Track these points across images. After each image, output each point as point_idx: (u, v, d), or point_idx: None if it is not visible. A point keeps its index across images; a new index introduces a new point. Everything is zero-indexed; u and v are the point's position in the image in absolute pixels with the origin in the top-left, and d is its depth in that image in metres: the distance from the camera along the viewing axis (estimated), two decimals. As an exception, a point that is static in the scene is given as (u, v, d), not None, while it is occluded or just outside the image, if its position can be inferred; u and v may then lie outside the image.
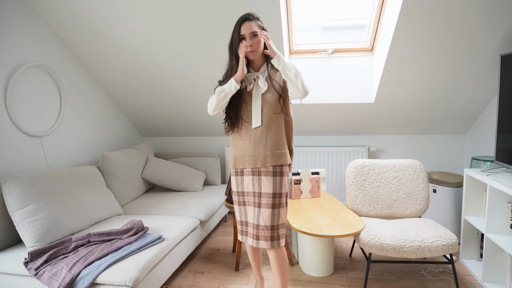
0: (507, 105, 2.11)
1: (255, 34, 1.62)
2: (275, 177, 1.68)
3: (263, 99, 1.69)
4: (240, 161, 1.74)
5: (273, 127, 1.70)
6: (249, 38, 1.62)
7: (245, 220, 1.77)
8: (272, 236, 1.67)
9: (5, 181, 1.93)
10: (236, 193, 1.79)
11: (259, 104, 1.69)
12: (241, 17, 1.65)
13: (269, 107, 1.69)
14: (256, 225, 1.70)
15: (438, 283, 2.19)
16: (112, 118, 3.31)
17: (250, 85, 1.71)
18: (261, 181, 1.69)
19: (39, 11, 2.39)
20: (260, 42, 1.64)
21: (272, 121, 1.70)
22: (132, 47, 2.65)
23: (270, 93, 1.70)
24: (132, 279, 1.61)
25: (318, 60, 2.89)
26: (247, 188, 1.74)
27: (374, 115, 3.08)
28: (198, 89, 3.04)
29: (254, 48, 1.63)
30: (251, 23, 1.62)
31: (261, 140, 1.69)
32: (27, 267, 1.71)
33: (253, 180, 1.71)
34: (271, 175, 1.68)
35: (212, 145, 3.73)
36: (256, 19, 1.65)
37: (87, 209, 2.22)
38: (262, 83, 1.68)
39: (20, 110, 2.27)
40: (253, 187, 1.71)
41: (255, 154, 1.70)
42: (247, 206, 1.76)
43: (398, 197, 2.41)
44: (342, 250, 2.69)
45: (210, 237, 3.00)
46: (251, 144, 1.71)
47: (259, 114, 1.69)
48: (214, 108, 1.71)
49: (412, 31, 2.25)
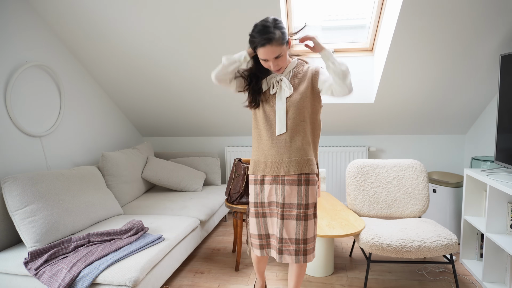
0: (507, 105, 2.11)
1: (280, 55, 1.46)
2: (300, 186, 1.54)
3: (288, 103, 1.54)
4: (260, 167, 1.60)
5: (299, 133, 1.55)
6: (273, 61, 1.46)
7: (265, 233, 1.62)
8: (297, 250, 1.54)
9: (5, 181, 1.93)
10: (254, 204, 1.62)
11: (284, 109, 1.53)
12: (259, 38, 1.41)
13: (295, 110, 1.53)
14: (279, 238, 1.55)
15: (438, 283, 2.19)
16: (112, 118, 3.31)
17: (274, 88, 1.56)
18: (285, 190, 1.55)
19: (39, 11, 2.39)
20: (285, 58, 1.50)
21: (298, 126, 1.54)
22: (132, 47, 2.65)
23: (297, 95, 1.54)
24: (132, 279, 1.61)
25: (318, 60, 2.89)
26: (268, 198, 1.59)
27: (374, 115, 3.08)
28: (198, 89, 3.04)
29: (280, 66, 1.50)
30: (273, 48, 1.42)
31: (285, 145, 1.54)
32: (27, 267, 1.71)
33: (276, 189, 1.57)
34: (295, 184, 1.54)
35: (212, 145, 3.73)
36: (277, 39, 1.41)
37: (87, 209, 2.22)
38: (286, 86, 1.54)
39: (20, 110, 2.27)
40: (276, 196, 1.57)
41: (277, 160, 1.55)
42: (268, 218, 1.61)
43: (398, 197, 2.41)
44: (342, 250, 2.69)
45: (210, 237, 3.00)
46: (273, 149, 1.56)
47: (284, 119, 1.53)
48: (218, 72, 1.52)
49: (412, 31, 2.25)
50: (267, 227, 1.61)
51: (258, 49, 1.44)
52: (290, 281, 1.70)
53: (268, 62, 1.48)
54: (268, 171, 1.57)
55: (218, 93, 3.06)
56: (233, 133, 3.60)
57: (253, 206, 1.63)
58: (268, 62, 1.48)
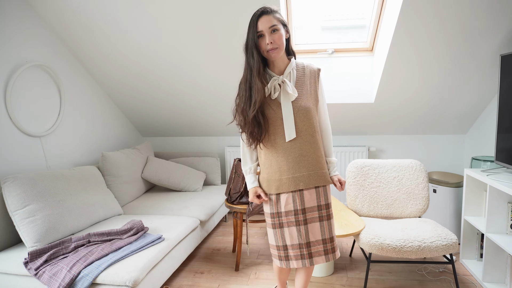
0: (507, 105, 2.11)
1: (275, 29, 1.40)
2: (318, 189, 1.52)
3: (294, 107, 1.46)
4: (274, 185, 1.51)
5: (312, 140, 1.48)
6: (269, 35, 1.40)
7: (283, 244, 1.54)
8: (326, 250, 1.53)
9: (5, 181, 1.93)
10: (270, 215, 1.55)
11: (291, 113, 1.45)
12: (256, 11, 1.43)
13: (305, 114, 1.46)
14: (306, 243, 1.51)
15: (438, 283, 2.19)
16: (112, 118, 3.31)
17: (275, 93, 1.46)
18: (304, 196, 1.50)
19: (39, 11, 2.39)
20: (282, 38, 1.43)
21: (309, 131, 1.48)
22: (132, 47, 2.65)
23: (302, 98, 1.48)
24: (132, 279, 1.61)
25: (318, 60, 2.89)
26: (285, 207, 1.51)
27: (374, 115, 3.08)
28: (198, 88, 3.04)
29: (276, 44, 1.41)
30: (269, 16, 1.41)
31: (301, 158, 1.47)
32: (27, 267, 1.71)
33: (293, 197, 1.50)
34: (313, 188, 1.52)
35: (212, 145, 3.73)
36: (274, 12, 1.43)
37: (87, 209, 2.22)
38: (290, 89, 1.44)
39: (20, 110, 2.27)
40: (294, 204, 1.51)
41: (294, 176, 1.48)
42: (285, 228, 1.53)
43: (398, 197, 2.40)
44: (342, 250, 2.69)
45: (210, 237, 3.00)
46: (289, 164, 1.48)
47: (292, 124, 1.45)
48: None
49: (412, 31, 2.24)
50: (285, 238, 1.54)
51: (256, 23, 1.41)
52: (299, 283, 1.68)
53: (265, 38, 1.41)
54: (285, 187, 1.50)
55: (218, 93, 3.06)
56: (233, 133, 3.60)
57: (269, 216, 1.56)
58: (265, 39, 1.41)
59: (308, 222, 1.52)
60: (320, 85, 1.57)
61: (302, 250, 1.52)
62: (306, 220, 1.51)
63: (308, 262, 1.53)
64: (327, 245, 1.53)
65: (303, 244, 1.52)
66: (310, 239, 1.52)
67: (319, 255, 1.53)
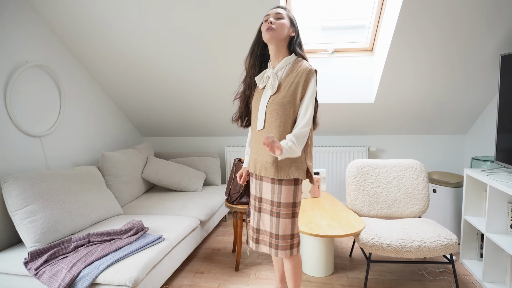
0: (507, 105, 2.11)
1: (280, 17, 1.51)
2: (274, 185, 1.57)
3: (271, 101, 1.53)
4: (251, 164, 1.67)
5: (276, 133, 1.51)
6: (273, 17, 1.52)
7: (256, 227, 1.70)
8: (270, 243, 1.62)
9: (5, 181, 1.93)
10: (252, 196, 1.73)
11: (264, 106, 1.55)
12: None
13: (275, 109, 1.51)
14: (256, 229, 1.69)
15: (438, 283, 2.19)
16: (112, 118, 3.31)
17: (263, 83, 1.58)
18: (262, 186, 1.63)
19: (39, 11, 2.39)
20: (284, 26, 1.50)
21: (275, 125, 1.51)
22: (132, 47, 2.65)
23: (281, 95, 1.51)
24: (132, 279, 1.61)
25: (318, 60, 2.89)
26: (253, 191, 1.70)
27: (374, 115, 3.08)
28: (198, 88, 3.04)
29: (276, 28, 1.48)
30: (280, 9, 1.55)
31: (264, 148, 1.57)
32: (27, 267, 1.71)
33: (255, 184, 1.67)
34: (270, 182, 1.59)
35: (212, 145, 3.73)
36: (286, 9, 1.58)
37: (87, 209, 2.22)
38: (270, 85, 1.53)
39: (20, 110, 2.27)
40: (255, 190, 1.67)
41: (257, 159, 1.61)
42: (252, 210, 1.71)
43: (398, 197, 2.41)
44: (342, 250, 2.69)
45: (210, 237, 3.00)
46: (256, 148, 1.62)
47: (263, 116, 1.55)
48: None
49: (412, 31, 2.25)
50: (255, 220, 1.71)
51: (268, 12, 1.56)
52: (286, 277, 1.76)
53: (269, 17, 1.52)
54: (251, 168, 1.67)
55: (218, 93, 3.06)
56: (233, 133, 3.60)
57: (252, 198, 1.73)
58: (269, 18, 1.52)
59: (262, 211, 1.66)
60: (310, 85, 1.51)
61: (254, 233, 1.70)
62: (260, 208, 1.66)
63: (255, 247, 1.69)
64: (272, 239, 1.62)
65: (255, 229, 1.69)
66: (260, 227, 1.67)
67: (264, 244, 1.66)
